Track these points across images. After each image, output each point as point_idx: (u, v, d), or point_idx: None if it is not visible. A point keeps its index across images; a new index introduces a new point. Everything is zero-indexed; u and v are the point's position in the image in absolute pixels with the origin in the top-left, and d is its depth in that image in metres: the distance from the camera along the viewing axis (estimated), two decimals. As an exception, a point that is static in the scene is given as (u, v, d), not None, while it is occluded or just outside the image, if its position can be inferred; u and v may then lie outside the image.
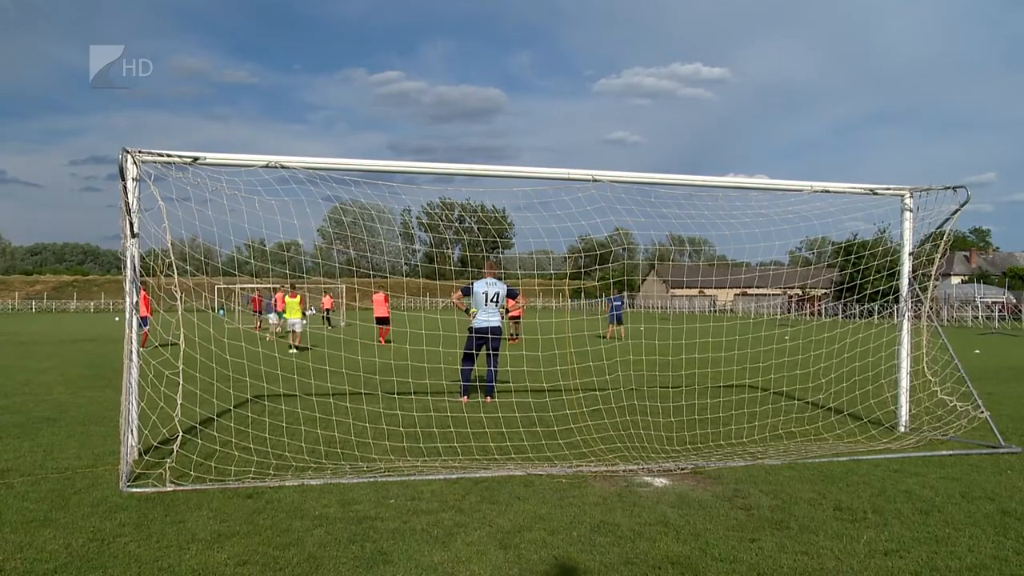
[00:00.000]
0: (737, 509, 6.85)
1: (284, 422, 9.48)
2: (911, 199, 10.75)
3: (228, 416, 10.08)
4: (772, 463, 8.64)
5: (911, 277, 10.81)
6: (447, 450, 9.01)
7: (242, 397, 10.75)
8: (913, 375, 10.76)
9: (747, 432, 10.27)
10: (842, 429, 10.58)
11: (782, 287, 45.02)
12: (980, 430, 10.09)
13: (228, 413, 10.24)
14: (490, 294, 12.86)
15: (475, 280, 13.01)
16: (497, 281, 13.03)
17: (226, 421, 9.75)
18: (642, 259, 18.83)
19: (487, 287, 12.83)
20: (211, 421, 9.77)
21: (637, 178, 9.99)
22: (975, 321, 61.40)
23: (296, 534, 6.03)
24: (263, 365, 10.01)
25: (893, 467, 8.58)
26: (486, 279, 12.88)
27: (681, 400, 11.80)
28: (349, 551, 5.67)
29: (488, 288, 12.84)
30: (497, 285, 12.96)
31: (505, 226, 19.45)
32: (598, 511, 6.73)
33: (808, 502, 7.10)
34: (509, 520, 6.45)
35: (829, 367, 12.17)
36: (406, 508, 6.79)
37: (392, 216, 11.78)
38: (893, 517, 6.66)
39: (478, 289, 12.82)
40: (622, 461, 8.58)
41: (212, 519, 6.39)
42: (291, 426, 9.57)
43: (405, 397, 11.40)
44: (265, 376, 9.76)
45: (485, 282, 12.87)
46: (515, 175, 9.64)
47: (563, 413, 10.37)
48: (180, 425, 7.89)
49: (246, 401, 10.77)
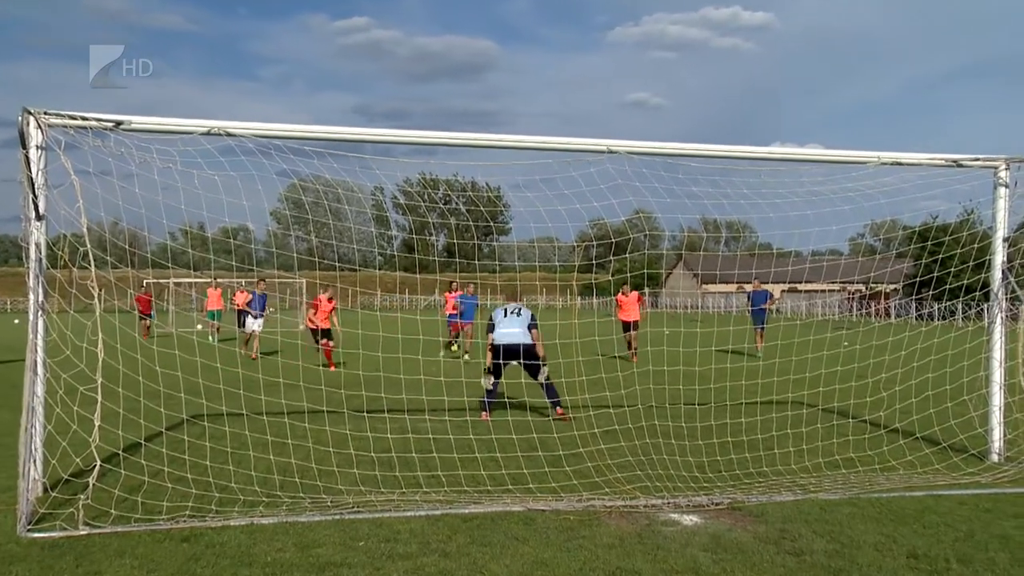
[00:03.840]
0: (785, 554, 6.83)
1: (229, 447, 9.42)
2: (1007, 172, 10.68)
3: (159, 440, 10.02)
4: (828, 498, 8.62)
5: (1006, 269, 10.76)
6: (429, 480, 8.98)
7: (176, 417, 10.68)
8: (1008, 390, 10.72)
9: (796, 459, 10.24)
10: (915, 457, 10.55)
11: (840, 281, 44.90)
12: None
13: (159, 437, 10.18)
14: (510, 309, 13.65)
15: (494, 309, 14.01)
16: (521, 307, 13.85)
17: (156, 447, 9.69)
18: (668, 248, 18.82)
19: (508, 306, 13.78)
20: (137, 447, 9.72)
21: (661, 148, 9.96)
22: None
23: (243, 585, 5.99)
24: (202, 378, 9.96)
25: (984, 505, 8.53)
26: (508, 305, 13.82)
27: (713, 419, 11.79)
28: (308, 606, 5.63)
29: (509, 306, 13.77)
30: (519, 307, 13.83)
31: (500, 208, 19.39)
32: (614, 555, 6.70)
33: (874, 547, 7.07)
34: (505, 566, 6.42)
35: (898, 379, 12.12)
36: (379, 552, 6.77)
37: (363, 196, 11.75)
38: (985, 569, 6.61)
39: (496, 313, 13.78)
40: (643, 493, 8.57)
41: (138, 569, 6.34)
42: (238, 452, 9.52)
43: (378, 416, 11.35)
44: (205, 391, 9.68)
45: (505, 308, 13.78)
46: (512, 145, 9.62)
47: (570, 435, 10.35)
48: (98, 452, 7.82)
49: (182, 422, 10.70)
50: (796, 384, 13.25)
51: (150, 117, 8.39)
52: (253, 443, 9.80)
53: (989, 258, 10.86)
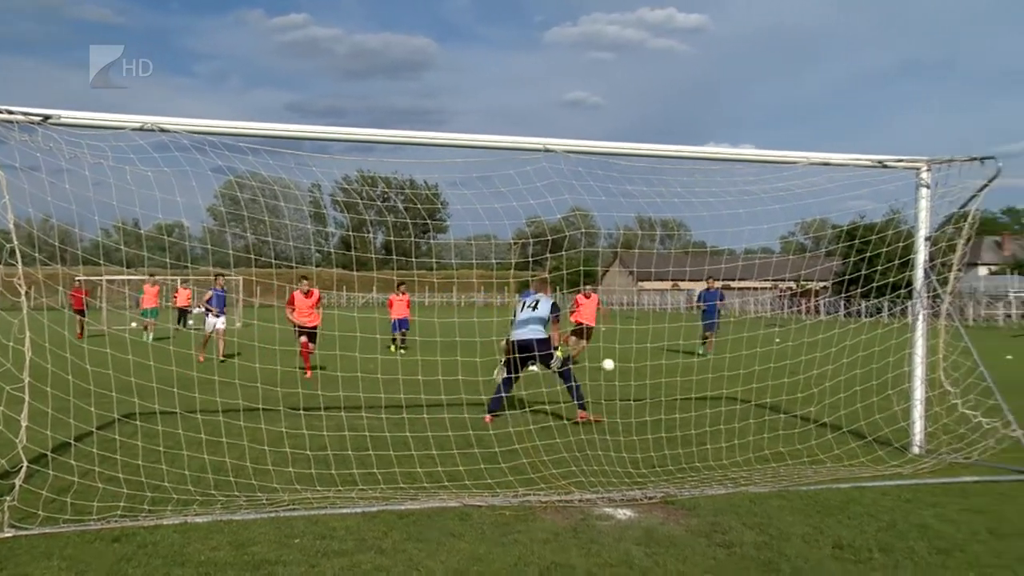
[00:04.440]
0: (716, 547, 6.91)
1: (162, 446, 9.30)
2: (928, 173, 10.89)
3: (90, 440, 9.83)
4: (758, 491, 8.74)
5: (928, 267, 10.96)
6: (366, 478, 8.95)
7: (108, 416, 10.53)
8: (929, 385, 10.91)
9: (727, 453, 10.38)
10: (842, 450, 10.70)
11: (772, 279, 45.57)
12: (1011, 452, 10.27)
13: (90, 437, 10.00)
14: (528, 302, 13.17)
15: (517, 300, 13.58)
16: (541, 296, 13.36)
17: (87, 446, 9.50)
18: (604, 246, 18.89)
19: (527, 298, 13.31)
20: (67, 447, 9.52)
21: (598, 147, 10.01)
22: (1007, 320, 62.82)
23: (175, 584, 5.92)
24: (134, 376, 9.83)
25: (905, 496, 8.72)
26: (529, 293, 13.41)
27: (648, 415, 11.86)
28: (243, 603, 5.59)
29: (528, 299, 13.29)
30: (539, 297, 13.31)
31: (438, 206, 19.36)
32: (548, 550, 6.73)
33: (802, 538, 7.18)
34: (440, 562, 6.42)
35: (826, 375, 12.29)
36: (314, 549, 6.73)
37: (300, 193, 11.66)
38: (905, 557, 6.76)
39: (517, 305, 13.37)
40: (577, 489, 8.60)
41: (66, 570, 6.24)
42: (171, 451, 9.39)
43: (314, 413, 11.28)
44: (138, 390, 9.56)
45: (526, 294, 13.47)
46: (449, 143, 9.62)
47: (506, 431, 10.36)
48: (25, 453, 7.68)
49: (113, 421, 10.55)
50: (730, 380, 13.37)
51: (80, 112, 8.26)
52: (187, 442, 9.68)
53: (912, 257, 11.06)
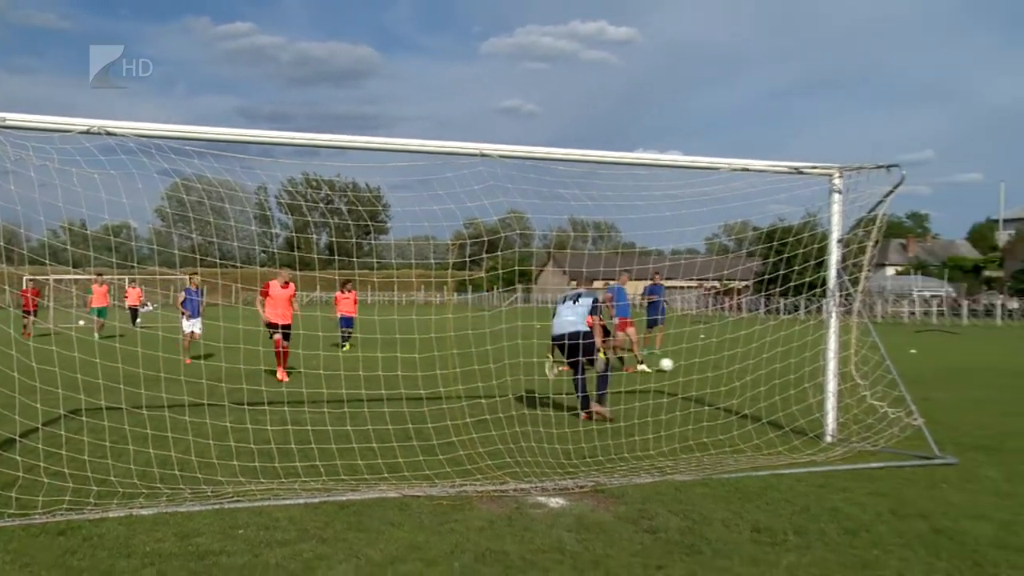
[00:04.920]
0: (642, 532, 6.96)
1: (108, 441, 9.15)
2: (840, 179, 11.07)
3: (35, 436, 9.66)
4: (683, 479, 8.81)
5: (840, 267, 11.14)
6: (308, 470, 8.87)
7: (53, 413, 10.36)
8: (841, 378, 11.10)
9: (655, 444, 10.44)
10: (761, 440, 10.84)
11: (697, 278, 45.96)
12: (914, 439, 10.47)
13: (35, 433, 9.83)
14: (569, 295, 13.14)
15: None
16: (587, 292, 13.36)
17: (32, 442, 9.32)
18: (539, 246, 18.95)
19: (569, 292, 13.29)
20: (11, 443, 9.32)
21: (532, 153, 10.04)
22: (911, 316, 64.22)
23: None
24: (80, 373, 9.66)
25: (818, 482, 8.85)
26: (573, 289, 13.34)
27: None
28: (186, 593, 5.52)
29: (570, 293, 13.27)
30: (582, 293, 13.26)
31: (379, 208, 19.28)
32: (484, 537, 6.73)
33: (722, 523, 7.25)
34: (380, 550, 6.39)
35: (748, 370, 12.45)
36: (258, 539, 6.66)
37: (245, 195, 11.55)
38: (816, 539, 6.86)
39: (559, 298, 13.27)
40: (512, 479, 8.62)
41: (11, 564, 6.09)
42: (117, 446, 9.23)
43: (258, 408, 11.17)
44: (84, 387, 9.40)
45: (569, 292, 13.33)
46: (390, 148, 9.59)
47: (444, 425, 10.33)
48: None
49: (59, 417, 10.39)
50: (657, 374, 13.48)
51: (27, 115, 8.10)
52: (133, 437, 9.53)
53: (826, 258, 11.25)
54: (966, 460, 9.99)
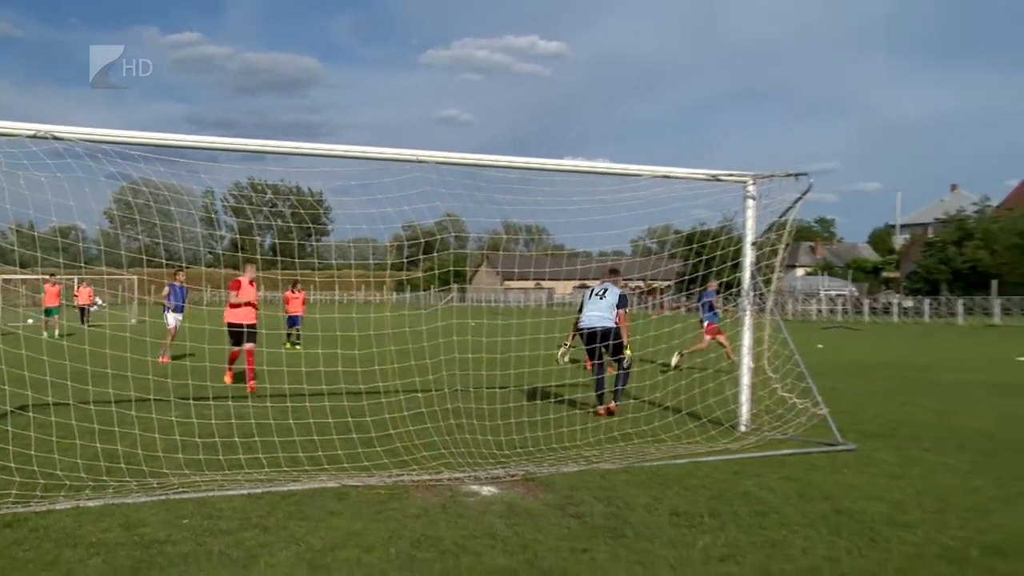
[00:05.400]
0: (569, 517, 6.99)
1: (55, 436, 8.93)
2: (754, 186, 11.21)
3: (-16, 431, 9.44)
4: (608, 467, 8.86)
5: (754, 268, 11.28)
6: (251, 462, 8.76)
7: (0, 409, 10.12)
8: (754, 372, 11.25)
9: (581, 435, 10.49)
10: (681, 430, 10.94)
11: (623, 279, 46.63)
12: (819, 428, 10.64)
13: (-16, 427, 9.60)
14: (596, 290, 12.82)
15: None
16: (611, 286, 12.97)
17: (-19, 437, 9.11)
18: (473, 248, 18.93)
19: (596, 287, 12.93)
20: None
21: (467, 159, 10.02)
22: (819, 314, 65.36)
23: (66, 566, 5.68)
24: (27, 370, 9.43)
25: (732, 468, 8.97)
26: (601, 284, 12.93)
27: (512, 402, 11.93)
28: (131, 582, 5.41)
29: (597, 287, 12.90)
30: (607, 286, 12.92)
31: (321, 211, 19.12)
32: (419, 524, 6.71)
33: (644, 508, 7.31)
34: (320, 538, 6.34)
35: (669, 364, 12.57)
36: (202, 528, 6.56)
37: (191, 199, 11.38)
38: (730, 521, 6.95)
39: (586, 292, 12.95)
40: (447, 469, 8.60)
41: (-41, 554, 5.93)
42: (64, 440, 9.02)
43: (203, 403, 11.01)
44: (31, 383, 9.17)
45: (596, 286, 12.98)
46: (331, 154, 9.53)
47: (382, 418, 10.29)
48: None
49: (6, 413, 10.12)
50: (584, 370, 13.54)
51: (-26, 120, 7.89)
52: (80, 432, 9.31)
53: (741, 259, 11.39)
54: (865, 446, 10.21)
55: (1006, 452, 10.12)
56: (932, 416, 13.01)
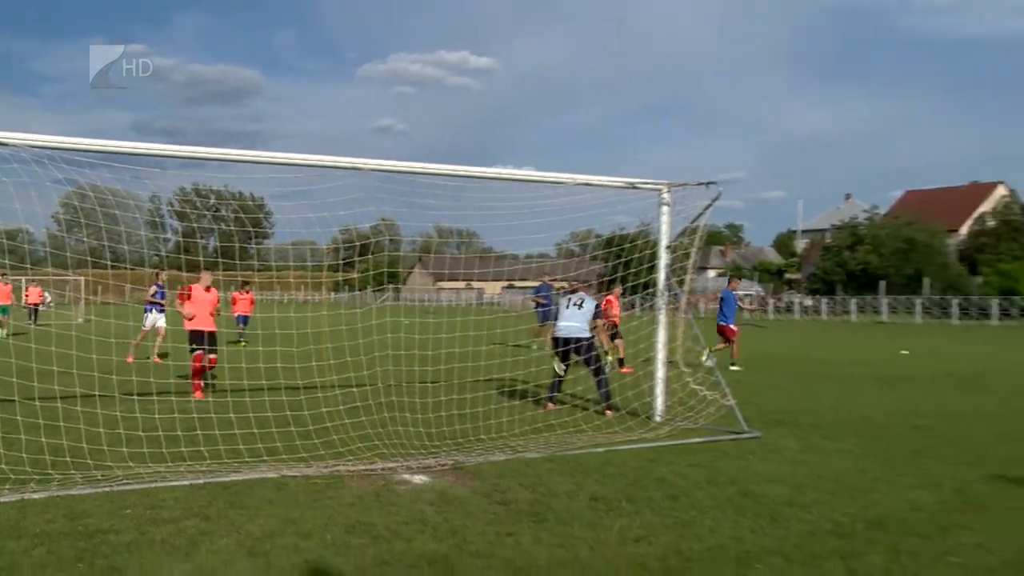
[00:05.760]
0: (496, 504, 6.99)
1: (0, 431, 8.68)
2: (668, 194, 11.31)
3: (-69, 426, 9.10)
4: (532, 456, 8.87)
5: (668, 270, 11.40)
6: (193, 454, 8.58)
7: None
8: (668, 366, 11.38)
9: (508, 426, 10.49)
10: (601, 421, 11.02)
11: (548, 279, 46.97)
12: (727, 418, 10.79)
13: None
14: (573, 300, 12.36)
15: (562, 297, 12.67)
16: (586, 296, 12.51)
17: (-73, 433, 8.78)
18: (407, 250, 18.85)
19: (573, 297, 12.44)
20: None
21: (401, 167, 9.98)
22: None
23: (10, 556, 5.51)
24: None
25: (647, 456, 9.04)
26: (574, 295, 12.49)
27: (443, 395, 11.87)
28: (75, 570, 5.28)
29: (573, 297, 12.43)
30: (584, 297, 12.45)
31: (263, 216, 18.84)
32: (354, 511, 6.66)
33: (566, 494, 7.33)
34: (259, 525, 6.24)
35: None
36: (145, 518, 6.42)
37: (138, 203, 11.14)
38: (645, 505, 7.01)
39: (561, 301, 12.55)
40: (380, 459, 8.54)
41: (-96, 545, 5.70)
42: (9, 435, 8.72)
43: (147, 398, 10.76)
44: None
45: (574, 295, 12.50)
46: (272, 161, 9.41)
47: (319, 411, 10.16)
48: None
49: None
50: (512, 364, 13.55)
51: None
52: (25, 427, 9.01)
53: (657, 261, 11.50)
54: (768, 434, 10.39)
55: (890, 438, 10.42)
56: (828, 406, 13.30)
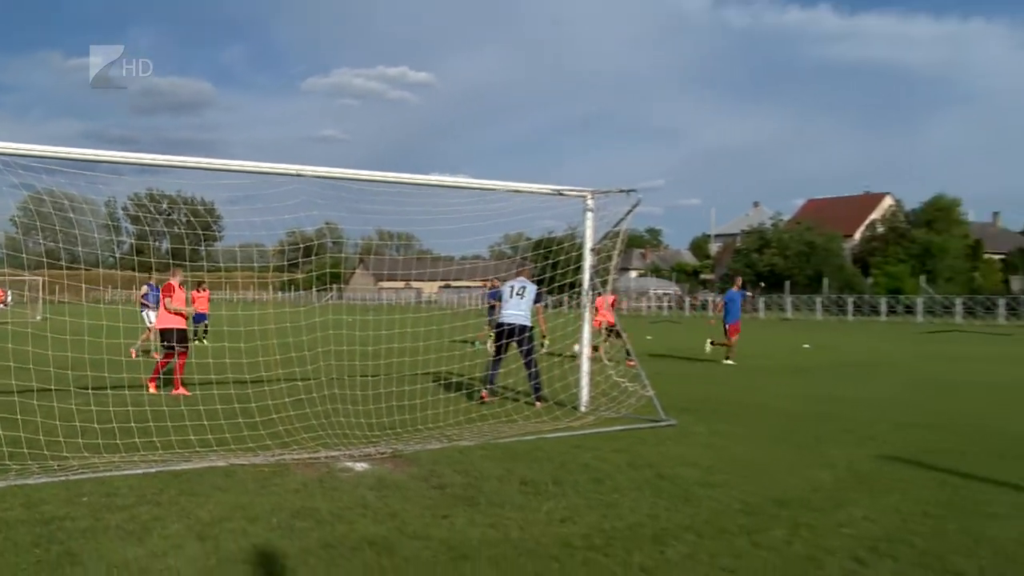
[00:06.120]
0: (432, 488, 7.02)
1: (-41, 424, 8.47)
2: (592, 200, 11.43)
3: None
4: (466, 444, 8.92)
5: (593, 271, 11.53)
6: (146, 445, 8.48)
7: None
8: (593, 360, 11.52)
9: (444, 417, 10.54)
10: (530, 411, 11.13)
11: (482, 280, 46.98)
12: (647, 407, 10.95)
13: None
14: (516, 288, 12.14)
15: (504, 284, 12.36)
16: (528, 282, 12.28)
17: None
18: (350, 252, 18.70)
19: (515, 283, 12.24)
20: None
21: (343, 174, 9.93)
22: (648, 310, 67.26)
23: (-31, 542, 5.41)
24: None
25: (573, 443, 9.14)
26: (516, 280, 12.31)
27: (383, 388, 11.86)
28: (31, 555, 5.20)
29: (515, 284, 12.21)
30: (526, 283, 12.22)
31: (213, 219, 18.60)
32: (299, 497, 6.65)
33: (497, 478, 7.40)
34: (208, 511, 6.21)
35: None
36: (100, 505, 6.35)
37: (94, 207, 10.94)
38: (571, 488, 7.11)
39: (504, 287, 12.32)
40: (324, 448, 8.52)
41: None
42: (-32, 428, 8.54)
43: (101, 393, 10.57)
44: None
45: (515, 281, 12.31)
46: (222, 168, 9.32)
47: (266, 404, 10.11)
48: None
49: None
50: (448, 359, 13.63)
51: None
52: (-17, 419, 8.84)
53: (583, 263, 11.63)
54: (683, 421, 10.57)
55: (793, 423, 10.72)
56: (738, 395, 13.62)
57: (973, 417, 11.46)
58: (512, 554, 5.36)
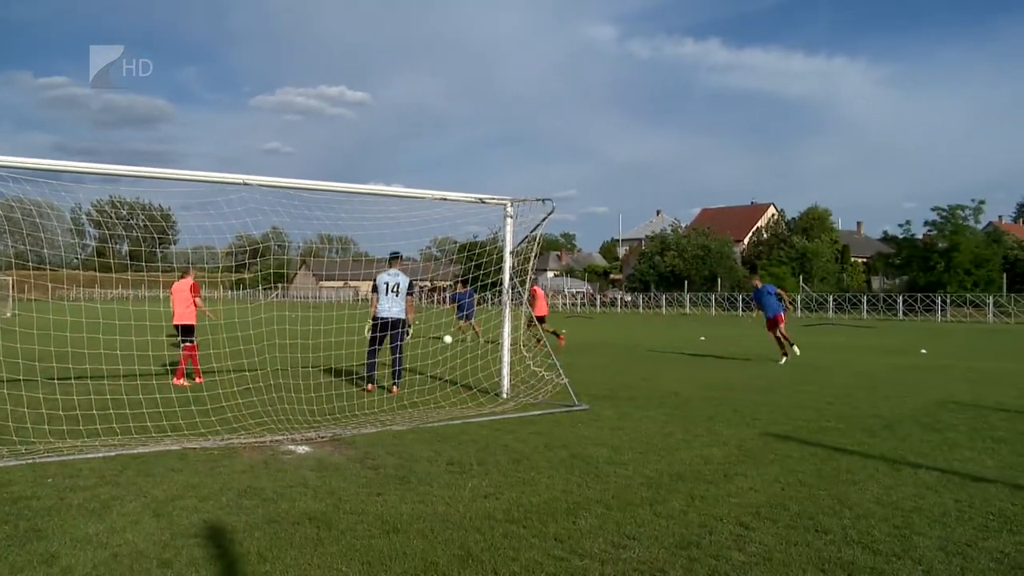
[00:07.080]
0: (367, 469, 7.06)
1: (-70, 412, 8.24)
2: (512, 207, 11.43)
3: None
4: (399, 428, 8.92)
5: (512, 272, 11.64)
6: (107, 431, 8.37)
7: None
8: (513, 352, 11.64)
9: (379, 403, 10.58)
10: (458, 398, 11.14)
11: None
12: (561, 393, 11.03)
13: None
14: (391, 284, 11.92)
15: (379, 273, 12.07)
16: (400, 273, 12.07)
17: None
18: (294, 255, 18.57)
19: (388, 278, 11.96)
20: None
21: (286, 183, 9.85)
22: (564, 307, 67.81)
23: (-58, 522, 5.34)
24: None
25: (496, 427, 9.17)
26: (389, 271, 12.03)
27: (323, 378, 11.87)
28: (0, 531, 5.16)
29: (390, 279, 11.96)
30: (399, 277, 12.02)
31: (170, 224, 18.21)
32: (246, 478, 6.67)
33: (426, 460, 7.43)
34: (163, 490, 6.21)
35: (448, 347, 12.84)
36: (64, 485, 6.29)
37: (59, 213, 10.72)
38: (493, 467, 7.16)
39: (380, 280, 11.98)
40: (269, 433, 8.49)
41: None
42: (-62, 416, 8.32)
43: (67, 382, 10.36)
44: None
45: (387, 273, 12.01)
46: (175, 178, 9.19)
47: (216, 393, 10.04)
48: None
49: None
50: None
51: None
52: (-47, 408, 8.62)
53: (503, 264, 11.73)
54: (594, 406, 10.67)
55: (689, 406, 10.90)
56: (641, 381, 13.85)
57: (846, 399, 11.75)
58: (439, 527, 5.41)
